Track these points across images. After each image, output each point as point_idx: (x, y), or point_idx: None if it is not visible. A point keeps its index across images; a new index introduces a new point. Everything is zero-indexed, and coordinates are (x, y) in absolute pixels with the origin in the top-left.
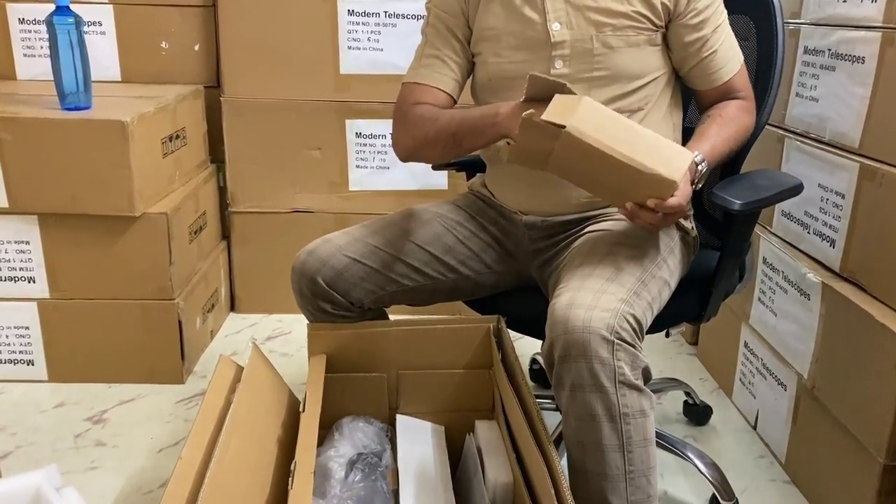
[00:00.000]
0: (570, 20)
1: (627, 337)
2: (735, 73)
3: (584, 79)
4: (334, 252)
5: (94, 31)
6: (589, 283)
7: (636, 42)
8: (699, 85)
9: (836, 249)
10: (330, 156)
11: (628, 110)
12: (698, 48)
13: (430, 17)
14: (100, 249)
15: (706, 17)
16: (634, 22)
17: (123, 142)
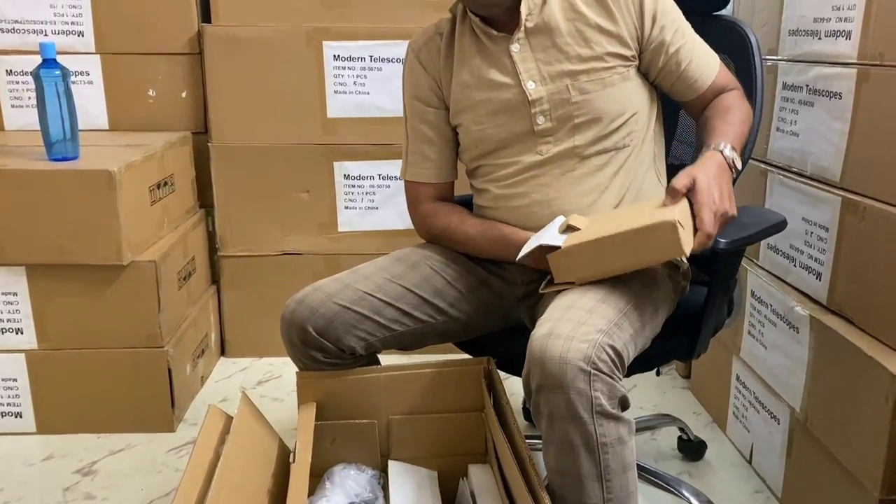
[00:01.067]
0: (543, 76)
1: (605, 368)
2: (715, 75)
3: (567, 127)
4: (324, 300)
5: (82, 80)
6: (569, 315)
7: (611, 82)
8: (685, 96)
9: (822, 282)
10: (318, 198)
11: (614, 148)
12: (675, 63)
13: (406, 110)
14: (88, 299)
15: (674, 31)
16: (606, 63)
17: (111, 191)
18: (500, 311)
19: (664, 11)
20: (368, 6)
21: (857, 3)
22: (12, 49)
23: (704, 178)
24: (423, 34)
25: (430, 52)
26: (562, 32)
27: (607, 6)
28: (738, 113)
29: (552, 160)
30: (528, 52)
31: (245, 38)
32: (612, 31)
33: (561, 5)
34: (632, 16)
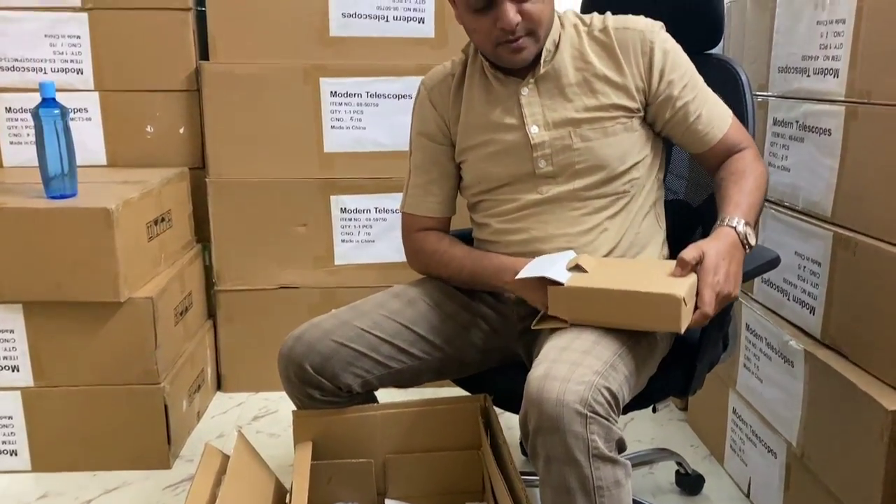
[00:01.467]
0: (547, 122)
1: (601, 410)
2: (727, 128)
3: (568, 172)
4: (321, 337)
5: (80, 117)
6: (565, 356)
7: (613, 132)
8: (695, 149)
9: (816, 317)
10: (315, 231)
11: (614, 194)
12: (683, 116)
13: (412, 144)
14: (84, 336)
15: (683, 86)
16: (609, 113)
17: (108, 229)
18: (497, 347)
19: (673, 66)
20: (365, 43)
21: (843, 42)
22: (12, 87)
23: (714, 255)
24: (437, 73)
25: (440, 92)
26: (570, 81)
27: (616, 58)
28: (751, 179)
29: (552, 200)
30: (536, 97)
31: (243, 74)
32: (618, 82)
33: (571, 54)
34: (640, 69)
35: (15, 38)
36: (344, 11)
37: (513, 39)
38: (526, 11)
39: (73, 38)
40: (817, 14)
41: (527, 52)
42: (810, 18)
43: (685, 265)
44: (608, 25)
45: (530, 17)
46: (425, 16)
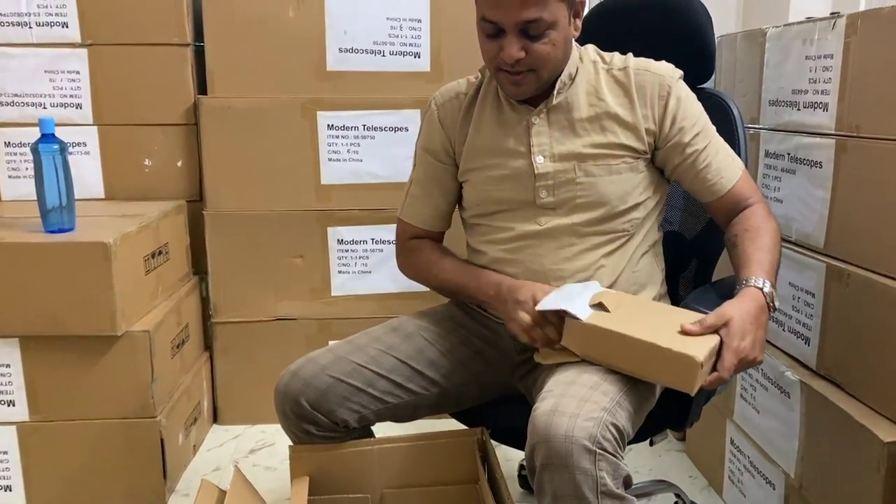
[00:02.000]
0: (553, 154)
1: (609, 447)
2: (737, 180)
3: (568, 205)
4: (318, 372)
5: (79, 151)
6: (572, 391)
7: (618, 170)
8: (703, 197)
9: (811, 347)
10: (312, 263)
11: (612, 232)
12: (691, 163)
13: (416, 157)
14: (81, 370)
15: (695, 134)
16: (615, 151)
17: (106, 262)
18: (495, 381)
19: (686, 114)
20: (362, 77)
21: (832, 77)
22: (11, 122)
23: (740, 320)
24: (449, 90)
25: (450, 109)
26: (581, 116)
27: (631, 100)
28: (768, 237)
29: (549, 232)
30: (546, 127)
31: (241, 108)
32: (629, 122)
33: (586, 89)
34: (654, 111)
35: (16, 73)
36: (341, 46)
37: (513, 72)
38: (532, 49)
39: (73, 74)
40: (806, 49)
41: (525, 88)
42: (799, 53)
43: (705, 329)
44: (629, 66)
45: (535, 56)
46: (421, 50)
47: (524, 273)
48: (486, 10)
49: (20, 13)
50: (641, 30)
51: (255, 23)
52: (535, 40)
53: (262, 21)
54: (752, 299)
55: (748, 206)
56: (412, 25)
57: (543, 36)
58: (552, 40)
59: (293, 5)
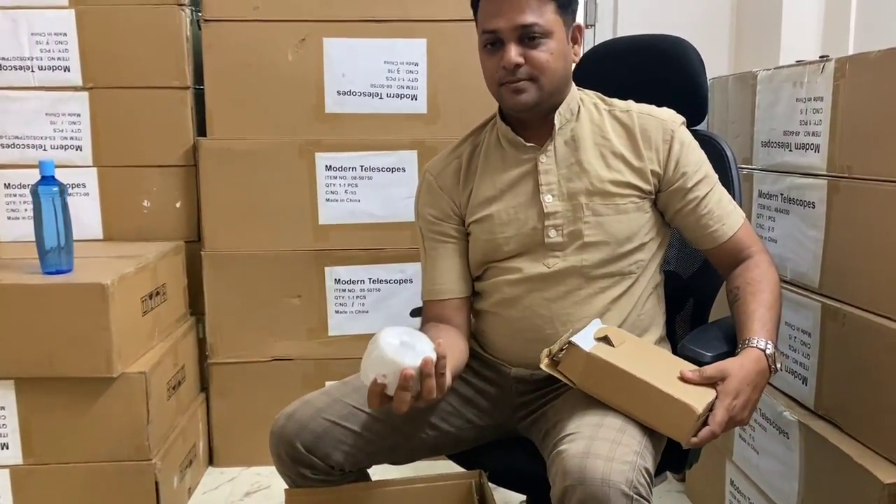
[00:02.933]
0: (562, 192)
1: (644, 492)
2: (737, 229)
3: (577, 244)
4: (314, 415)
5: (78, 192)
6: (602, 433)
7: (625, 209)
8: (703, 244)
9: (808, 387)
10: (309, 303)
11: (619, 274)
12: (692, 209)
13: (422, 230)
14: (76, 412)
15: (697, 181)
16: (623, 189)
17: (103, 304)
18: (494, 423)
19: (690, 160)
20: (359, 119)
21: (822, 119)
22: (11, 164)
23: (737, 379)
24: (439, 160)
25: (445, 177)
26: (587, 152)
27: (636, 142)
28: (768, 292)
29: (557, 276)
30: (553, 165)
31: (239, 150)
32: (634, 164)
33: (591, 128)
34: (658, 155)
35: (17, 116)
36: (339, 89)
37: (514, 80)
38: (531, 56)
39: (74, 116)
40: (796, 92)
41: (527, 96)
42: (790, 96)
43: (703, 379)
44: (632, 110)
45: (534, 62)
46: (418, 93)
47: (531, 317)
48: (486, 20)
49: (23, 57)
50: (635, 73)
51: (255, 66)
52: (534, 47)
53: (261, 64)
54: (754, 361)
55: (749, 255)
56: (409, 69)
57: (540, 43)
58: (550, 49)
59: (292, 49)
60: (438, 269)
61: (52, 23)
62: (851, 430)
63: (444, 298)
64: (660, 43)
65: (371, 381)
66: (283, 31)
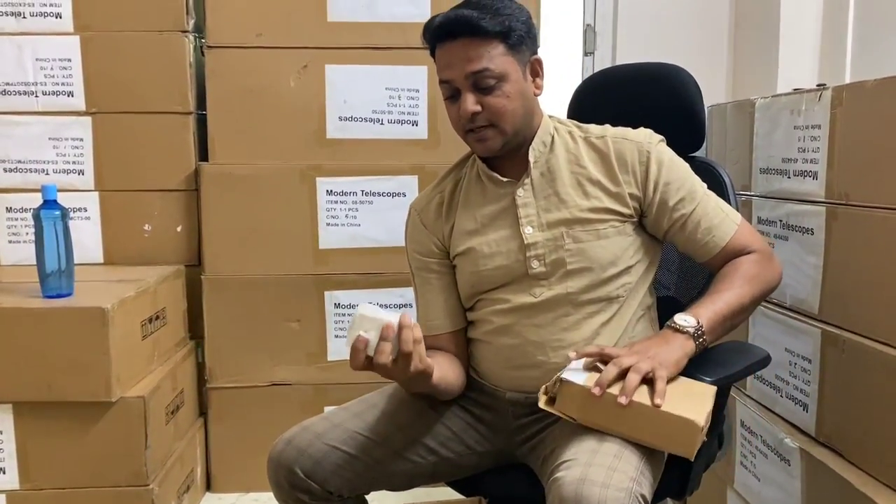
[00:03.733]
0: (541, 223)
1: None
2: (731, 235)
3: (560, 272)
4: (312, 440)
5: (79, 216)
6: (598, 459)
7: (605, 234)
8: (698, 257)
9: (809, 414)
10: (308, 327)
11: (606, 298)
12: (681, 226)
13: (412, 265)
14: (74, 436)
15: (680, 198)
16: (602, 215)
17: (103, 328)
18: (493, 449)
19: (669, 178)
20: (360, 145)
21: (820, 147)
22: (13, 188)
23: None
24: (423, 197)
25: (429, 212)
26: (564, 182)
27: (611, 168)
28: (726, 283)
29: (546, 304)
30: (531, 198)
31: (241, 175)
32: (612, 190)
33: (566, 157)
34: (636, 179)
35: (20, 141)
36: (341, 115)
37: (476, 128)
38: (487, 103)
39: (76, 141)
40: (794, 119)
41: (491, 143)
42: (788, 123)
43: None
44: (607, 135)
45: (491, 108)
46: (419, 119)
47: (522, 344)
48: (440, 72)
49: (27, 82)
50: (633, 100)
51: (257, 92)
52: (488, 93)
53: (263, 90)
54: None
55: (747, 254)
56: (410, 95)
57: (495, 88)
58: (505, 92)
59: (294, 76)
60: (428, 305)
61: (56, 49)
62: (853, 458)
63: (436, 333)
64: (658, 71)
65: (355, 338)
66: (286, 57)
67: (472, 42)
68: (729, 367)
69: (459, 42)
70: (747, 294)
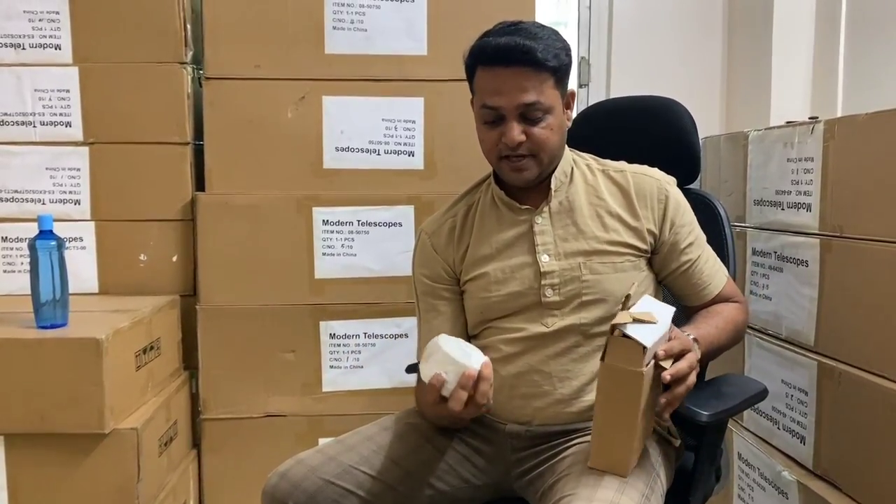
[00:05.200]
0: (558, 252)
1: None
2: (723, 286)
3: (575, 303)
4: (307, 474)
5: (75, 246)
6: (599, 494)
7: (622, 268)
8: (692, 301)
9: (806, 446)
10: (303, 358)
11: None
12: (684, 271)
13: (417, 289)
14: (65, 469)
15: (691, 242)
16: (620, 248)
17: (97, 359)
18: (490, 482)
19: (684, 221)
20: (357, 175)
21: (813, 179)
22: (9, 217)
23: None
24: (434, 220)
25: (441, 235)
26: (583, 213)
27: (631, 202)
28: (721, 320)
29: (557, 334)
30: (549, 226)
31: (237, 205)
32: (630, 224)
33: (585, 188)
34: (654, 214)
35: (17, 171)
36: (337, 145)
37: (515, 157)
38: (532, 134)
39: (73, 171)
40: (787, 152)
41: (527, 173)
42: (781, 156)
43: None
44: (626, 170)
45: (535, 140)
46: (415, 149)
47: (529, 372)
48: (487, 97)
49: (25, 112)
50: (628, 133)
51: (255, 123)
52: (534, 124)
53: (261, 121)
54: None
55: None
56: (407, 126)
57: (542, 120)
58: (549, 125)
59: (292, 107)
60: (432, 332)
61: (55, 79)
62: (850, 491)
63: None
64: (653, 103)
65: (433, 375)
66: (284, 89)
67: (527, 73)
68: (726, 402)
69: (513, 70)
70: (730, 335)
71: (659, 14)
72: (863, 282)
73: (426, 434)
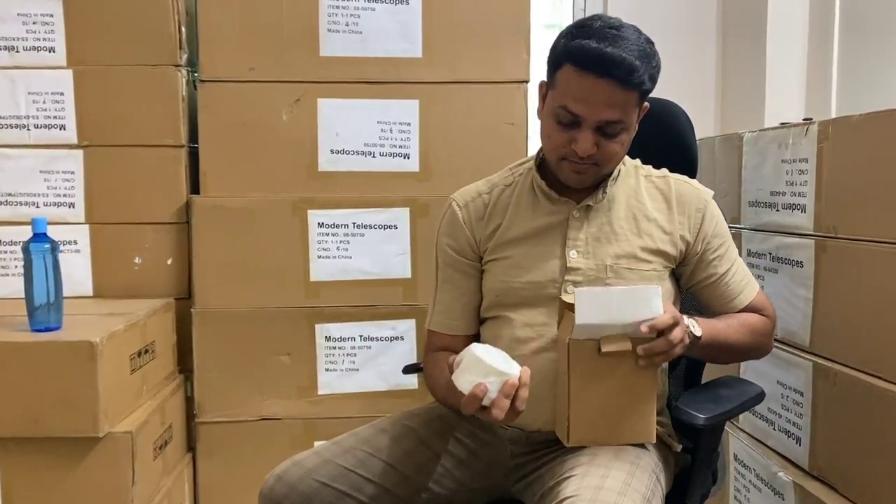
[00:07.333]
0: (587, 250)
1: None
2: (752, 297)
3: None
4: (304, 476)
5: (69, 249)
6: (602, 496)
7: (648, 277)
8: (716, 312)
9: (802, 447)
10: (299, 360)
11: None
12: (714, 282)
13: (439, 257)
14: (59, 473)
15: (721, 255)
16: (649, 256)
17: (91, 362)
18: (487, 485)
19: (718, 232)
20: (352, 177)
21: (807, 180)
22: (3, 220)
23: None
24: (469, 191)
25: (473, 209)
26: (619, 215)
27: (670, 203)
28: (734, 321)
29: None
30: (584, 223)
31: (232, 207)
32: (666, 228)
33: (626, 190)
34: (690, 222)
35: (11, 173)
36: (332, 148)
37: (579, 162)
38: (603, 146)
39: (68, 174)
40: (781, 153)
41: (586, 178)
42: (775, 157)
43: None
44: (669, 177)
45: (605, 153)
46: (410, 152)
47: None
48: (571, 101)
49: (19, 115)
50: None
51: (249, 125)
52: (609, 138)
53: (256, 124)
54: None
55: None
56: (402, 128)
57: (617, 135)
58: (621, 140)
59: (287, 109)
60: (450, 303)
61: (49, 82)
62: (846, 491)
63: (454, 334)
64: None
65: (475, 385)
66: (279, 91)
67: (618, 89)
68: (723, 405)
69: (606, 82)
70: (744, 337)
71: (653, 16)
72: (857, 282)
73: (422, 437)
